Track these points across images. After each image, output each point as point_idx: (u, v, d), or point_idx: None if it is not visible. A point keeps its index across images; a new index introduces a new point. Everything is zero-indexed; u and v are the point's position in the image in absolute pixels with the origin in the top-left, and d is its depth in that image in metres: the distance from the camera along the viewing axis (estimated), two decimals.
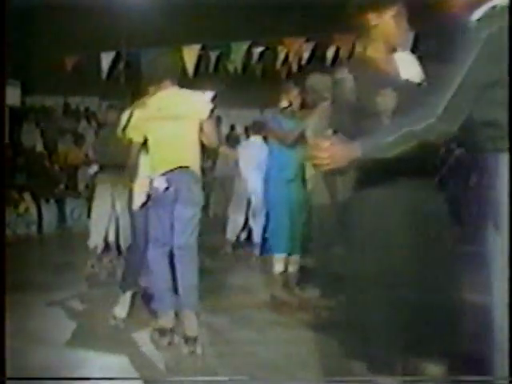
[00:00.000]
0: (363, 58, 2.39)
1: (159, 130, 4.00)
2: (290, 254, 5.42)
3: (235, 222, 7.75)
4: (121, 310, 4.52)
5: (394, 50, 2.39)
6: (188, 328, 3.87)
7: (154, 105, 4.04)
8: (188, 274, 3.99)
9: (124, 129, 4.37)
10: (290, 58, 12.26)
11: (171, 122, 3.99)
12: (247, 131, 7.32)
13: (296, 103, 5.36)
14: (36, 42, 12.83)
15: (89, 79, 12.69)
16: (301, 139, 4.99)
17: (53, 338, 4.16)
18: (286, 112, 5.39)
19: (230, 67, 12.54)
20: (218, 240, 7.88)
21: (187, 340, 3.84)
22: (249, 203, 7.63)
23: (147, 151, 4.10)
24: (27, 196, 9.76)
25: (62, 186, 10.86)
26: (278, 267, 5.39)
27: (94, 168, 6.71)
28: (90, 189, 8.08)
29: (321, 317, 4.49)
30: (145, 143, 4.09)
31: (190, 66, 12.06)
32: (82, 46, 12.40)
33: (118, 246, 6.53)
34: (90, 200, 7.51)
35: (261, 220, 7.37)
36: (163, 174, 3.94)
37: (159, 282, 4.10)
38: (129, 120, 4.26)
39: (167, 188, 3.93)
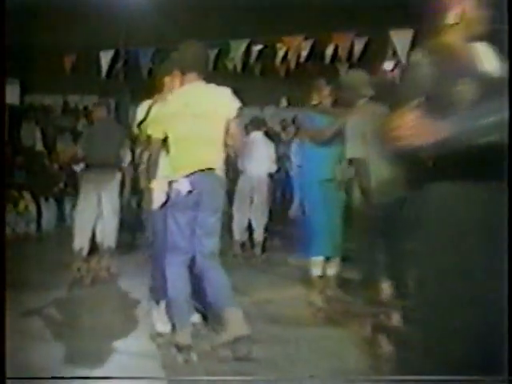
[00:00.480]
0: (441, 44, 2.25)
1: (183, 127, 3.71)
2: (328, 258, 5.12)
3: (240, 221, 7.44)
4: (163, 324, 4.12)
5: (473, 38, 2.25)
6: (236, 327, 3.59)
7: (178, 99, 3.76)
8: (218, 279, 3.76)
9: (140, 124, 4.14)
10: (289, 56, 12.24)
11: (197, 119, 3.70)
12: (246, 128, 7.23)
13: (328, 101, 5.15)
14: (35, 41, 12.80)
15: (88, 78, 12.68)
16: (337, 138, 4.76)
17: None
18: (317, 109, 5.16)
19: (229, 65, 12.53)
20: (224, 241, 7.50)
21: (238, 340, 3.56)
22: (251, 202, 7.38)
23: (167, 149, 3.84)
24: (26, 194, 9.76)
25: (61, 185, 10.85)
26: (316, 271, 5.09)
27: (80, 166, 6.57)
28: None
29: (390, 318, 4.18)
30: (164, 140, 3.83)
31: None
32: (81, 44, 12.38)
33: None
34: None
35: (264, 219, 7.38)
36: (187, 176, 3.67)
37: (177, 293, 3.75)
38: (147, 115, 4.03)
39: (190, 191, 3.67)
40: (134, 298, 5.41)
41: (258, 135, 7.35)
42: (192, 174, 3.67)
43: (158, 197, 3.90)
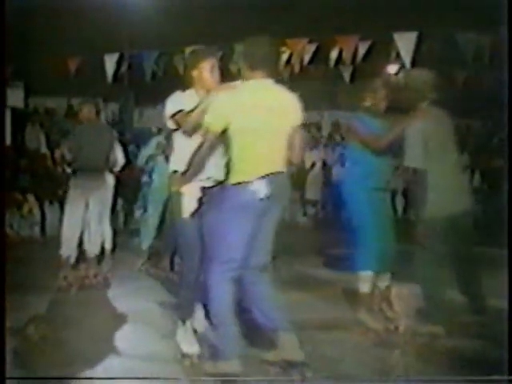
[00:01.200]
0: None
1: (251, 123, 3.33)
2: (377, 273, 4.71)
3: None
4: (190, 344, 3.77)
5: None
6: (290, 352, 3.32)
7: (248, 91, 3.40)
8: (270, 297, 3.44)
9: (174, 115, 3.70)
10: (293, 59, 12.24)
11: (267, 117, 3.35)
12: None
13: (383, 104, 4.72)
14: (39, 44, 12.83)
15: (92, 81, 12.70)
16: (395, 145, 4.34)
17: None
18: (371, 112, 4.72)
19: (233, 68, 12.54)
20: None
21: (292, 366, 3.32)
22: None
23: (227, 144, 3.44)
24: (31, 197, 9.76)
25: (65, 188, 10.85)
26: (364, 287, 4.66)
27: (68, 170, 6.25)
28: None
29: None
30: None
31: None
32: (86, 47, 12.40)
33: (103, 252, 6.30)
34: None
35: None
36: (262, 178, 3.28)
37: (224, 314, 3.33)
38: (196, 106, 3.57)
39: (265, 196, 3.27)
40: (121, 312, 5.02)
41: None
42: (266, 176, 3.30)
43: (189, 203, 3.60)
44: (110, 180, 6.52)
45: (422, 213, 4.10)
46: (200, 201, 3.63)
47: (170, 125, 3.80)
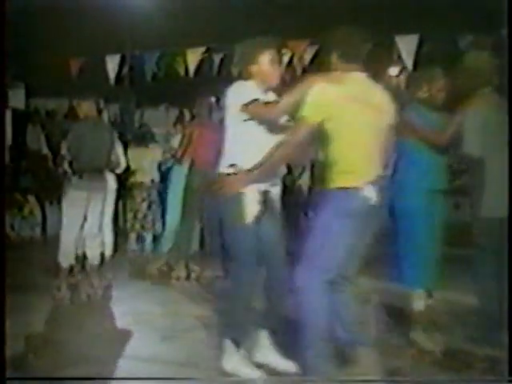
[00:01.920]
0: None
1: (353, 116, 3.05)
2: (429, 290, 4.21)
3: None
4: (251, 369, 3.37)
5: None
6: (369, 368, 3.10)
7: (348, 83, 3.11)
8: (350, 308, 3.23)
9: (249, 104, 3.29)
10: (294, 61, 12.24)
11: (367, 111, 3.08)
12: None
13: (442, 95, 4.23)
14: (40, 45, 12.83)
15: (93, 82, 12.70)
16: (454, 140, 3.96)
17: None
18: (428, 103, 4.24)
19: (234, 70, 12.53)
20: None
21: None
22: None
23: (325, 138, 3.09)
24: (31, 198, 9.76)
25: (64, 189, 10.84)
26: (418, 305, 4.15)
27: (67, 170, 5.79)
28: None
29: None
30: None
31: (192, 68, 12.10)
32: (87, 48, 12.41)
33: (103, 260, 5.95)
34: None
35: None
36: (370, 182, 3.02)
37: (319, 330, 3.03)
38: (294, 94, 3.21)
39: (373, 202, 3.02)
40: (123, 327, 4.61)
41: None
42: (375, 179, 3.04)
43: (252, 207, 3.29)
44: (112, 181, 6.33)
45: (478, 210, 3.77)
46: (263, 204, 3.30)
47: (237, 115, 3.35)
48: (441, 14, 11.48)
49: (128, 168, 6.70)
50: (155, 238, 7.58)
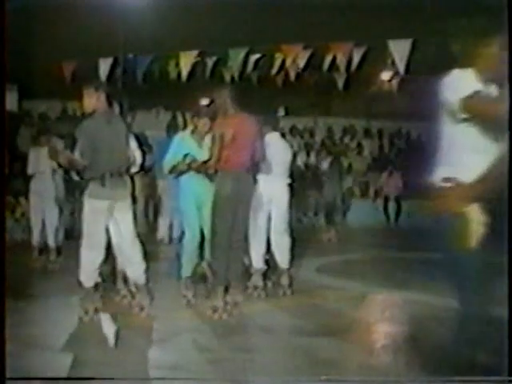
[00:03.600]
0: None
1: None
2: None
3: (258, 243, 5.52)
4: None
5: None
6: None
7: None
8: None
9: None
10: (287, 65, 12.27)
11: None
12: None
13: None
14: (33, 47, 12.82)
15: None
16: None
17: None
18: None
19: (227, 75, 12.55)
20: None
21: None
22: (269, 219, 5.58)
23: None
24: (23, 201, 9.74)
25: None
26: None
27: (78, 178, 4.97)
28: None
29: None
30: None
31: (185, 72, 12.12)
32: (80, 51, 12.41)
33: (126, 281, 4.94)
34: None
35: (286, 240, 5.59)
36: None
37: None
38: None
39: None
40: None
41: (273, 138, 5.60)
42: None
43: (476, 228, 2.68)
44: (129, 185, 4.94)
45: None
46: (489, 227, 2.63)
47: (454, 112, 2.74)
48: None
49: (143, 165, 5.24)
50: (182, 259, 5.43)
